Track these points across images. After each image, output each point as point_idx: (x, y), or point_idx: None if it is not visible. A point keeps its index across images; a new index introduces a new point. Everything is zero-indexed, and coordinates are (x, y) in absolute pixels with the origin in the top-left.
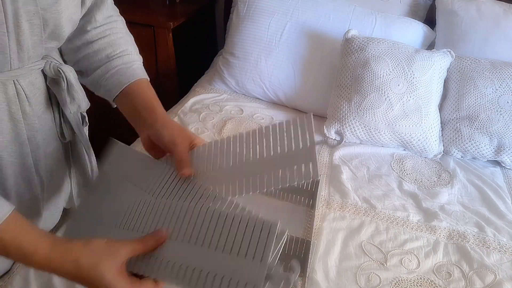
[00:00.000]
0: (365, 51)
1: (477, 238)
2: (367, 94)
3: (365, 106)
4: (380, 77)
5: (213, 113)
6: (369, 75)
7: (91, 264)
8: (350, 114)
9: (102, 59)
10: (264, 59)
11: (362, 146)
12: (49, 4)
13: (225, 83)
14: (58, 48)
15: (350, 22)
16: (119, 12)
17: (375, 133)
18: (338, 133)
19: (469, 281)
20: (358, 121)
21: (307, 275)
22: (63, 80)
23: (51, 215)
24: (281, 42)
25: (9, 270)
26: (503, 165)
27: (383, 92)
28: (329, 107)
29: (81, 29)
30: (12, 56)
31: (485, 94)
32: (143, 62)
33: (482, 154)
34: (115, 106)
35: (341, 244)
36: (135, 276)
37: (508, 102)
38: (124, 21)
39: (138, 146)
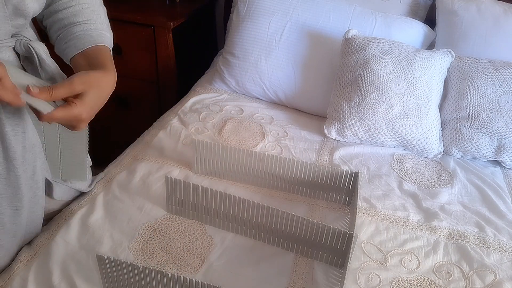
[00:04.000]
0: (365, 51)
1: (477, 238)
2: (367, 94)
3: (365, 106)
4: (380, 77)
5: (213, 113)
6: (369, 75)
7: None
8: (350, 114)
9: (65, 26)
10: (264, 59)
11: (362, 146)
12: None
13: (225, 83)
14: (34, 23)
15: (350, 22)
16: (120, 12)
17: (375, 133)
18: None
19: (469, 281)
20: (358, 121)
21: (347, 268)
22: (35, 56)
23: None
24: (281, 42)
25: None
26: (503, 165)
27: (383, 92)
28: (329, 107)
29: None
30: None
31: (485, 94)
32: (143, 62)
33: (482, 154)
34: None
35: None
36: None
37: (508, 102)
38: None
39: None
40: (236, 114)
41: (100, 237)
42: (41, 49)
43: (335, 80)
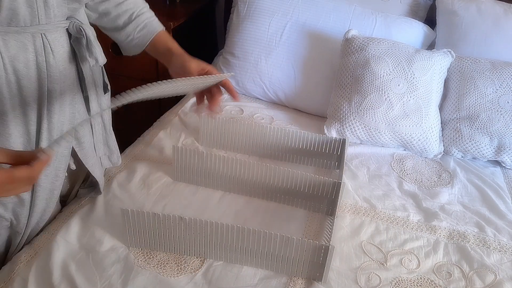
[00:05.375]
0: (365, 51)
1: (477, 238)
2: (367, 94)
3: (365, 106)
4: (380, 77)
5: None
6: (369, 75)
7: None
8: (350, 114)
9: (131, 16)
10: (264, 59)
11: (362, 146)
12: None
13: None
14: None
15: (350, 22)
16: None
17: (375, 133)
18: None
19: (469, 281)
20: (358, 121)
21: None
22: (84, 37)
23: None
24: (281, 42)
25: None
26: (504, 165)
27: (383, 92)
28: (329, 107)
29: None
30: (40, 12)
31: (485, 94)
32: None
33: (483, 154)
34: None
35: (341, 244)
36: None
37: (508, 102)
38: None
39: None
40: (236, 114)
41: (100, 237)
42: (90, 32)
43: (335, 80)
